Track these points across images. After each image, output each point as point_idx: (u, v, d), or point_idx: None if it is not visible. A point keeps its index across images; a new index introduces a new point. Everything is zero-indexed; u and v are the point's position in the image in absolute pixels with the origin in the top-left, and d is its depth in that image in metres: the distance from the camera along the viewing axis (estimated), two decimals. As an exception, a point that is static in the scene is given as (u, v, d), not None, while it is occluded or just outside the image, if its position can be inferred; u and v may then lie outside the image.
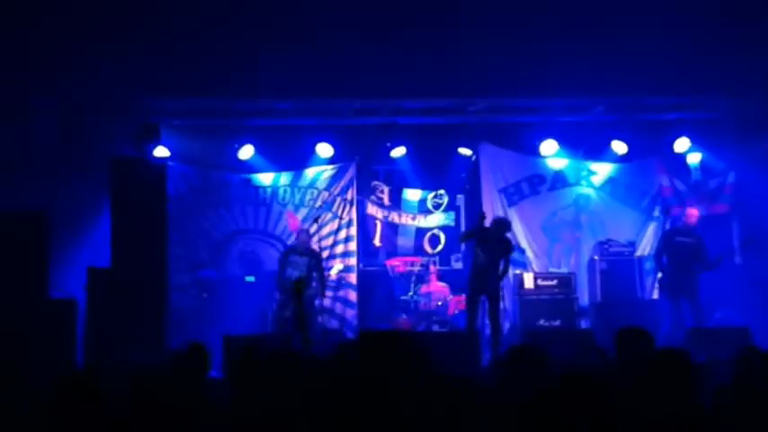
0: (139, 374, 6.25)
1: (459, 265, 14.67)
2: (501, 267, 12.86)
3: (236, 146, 14.78)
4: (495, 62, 12.71)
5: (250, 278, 14.60)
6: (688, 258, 13.36)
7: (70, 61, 12.09)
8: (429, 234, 15.72)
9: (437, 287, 14.65)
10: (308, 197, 15.38)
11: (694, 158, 15.22)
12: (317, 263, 13.87)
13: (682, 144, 15.01)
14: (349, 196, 15.37)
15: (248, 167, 15.15)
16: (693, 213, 13.83)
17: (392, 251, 15.62)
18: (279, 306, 13.71)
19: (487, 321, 12.74)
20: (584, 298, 14.67)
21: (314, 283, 13.70)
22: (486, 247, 12.78)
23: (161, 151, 13.71)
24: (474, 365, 10.97)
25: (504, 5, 11.72)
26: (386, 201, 15.78)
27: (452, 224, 15.48)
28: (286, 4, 11.48)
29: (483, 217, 13.03)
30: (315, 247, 14.04)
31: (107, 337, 11.00)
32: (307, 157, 15.25)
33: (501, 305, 13.02)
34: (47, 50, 11.94)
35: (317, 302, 13.83)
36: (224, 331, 11.72)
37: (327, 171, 15.41)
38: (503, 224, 13.26)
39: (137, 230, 11.99)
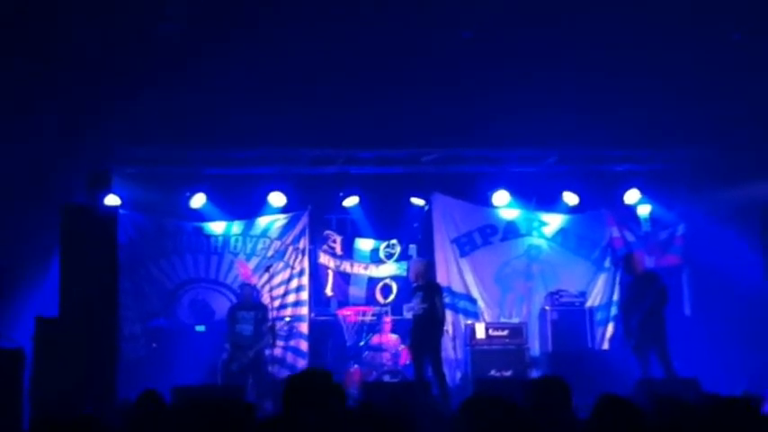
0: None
1: (410, 315, 14.58)
2: (438, 312, 12.77)
3: (189, 194, 14.74)
4: (448, 113, 12.75)
5: (200, 328, 14.49)
6: (649, 305, 13.04)
7: (27, 109, 11.98)
8: (381, 284, 15.72)
9: (388, 339, 14.60)
10: (259, 246, 15.33)
11: (644, 210, 15.38)
12: (264, 315, 13.86)
13: (632, 196, 15.18)
14: (301, 245, 15.34)
15: (200, 216, 15.10)
16: (639, 258, 13.77)
17: (344, 301, 15.58)
18: (228, 359, 13.64)
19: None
20: (535, 348, 14.71)
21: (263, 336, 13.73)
22: (416, 298, 12.80)
23: (112, 199, 13.59)
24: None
25: (458, 57, 11.77)
26: (338, 250, 15.76)
27: (404, 274, 15.42)
28: (241, 54, 11.45)
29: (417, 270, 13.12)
30: (266, 298, 14.00)
31: (55, 389, 10.79)
32: (259, 206, 15.24)
33: (444, 355, 12.97)
34: (4, 96, 11.83)
35: (266, 352, 13.77)
36: (174, 382, 11.57)
37: (280, 220, 15.38)
38: (425, 266, 13.31)
39: (86, 279, 11.82)
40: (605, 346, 15.09)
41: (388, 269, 15.75)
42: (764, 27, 11.22)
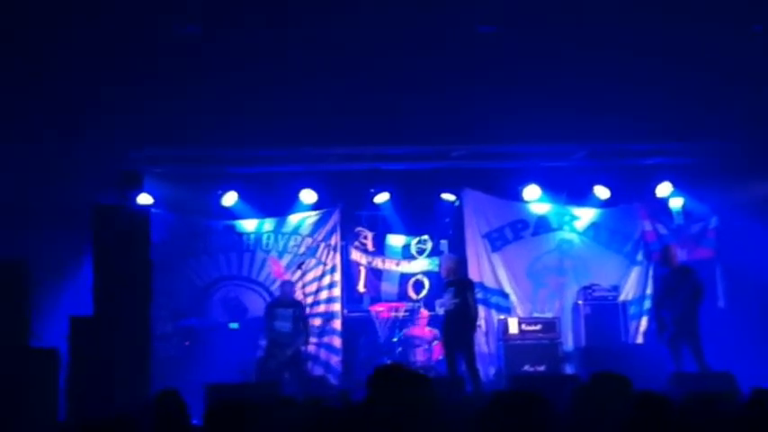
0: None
1: (442, 311, 14.54)
2: (470, 307, 12.72)
3: (220, 192, 14.79)
4: (479, 108, 12.74)
5: (234, 325, 14.54)
6: (683, 298, 13.01)
7: (58, 110, 12.08)
8: (413, 279, 15.69)
9: (424, 332, 14.59)
10: (291, 243, 15.37)
11: (677, 203, 15.27)
12: (301, 312, 13.89)
13: (664, 189, 15.07)
14: (333, 242, 15.37)
15: (231, 214, 15.15)
16: (674, 252, 13.69)
17: (376, 297, 15.58)
18: (265, 356, 13.67)
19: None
20: (568, 342, 14.66)
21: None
22: (449, 293, 12.76)
23: (144, 198, 13.67)
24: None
25: (489, 52, 11.76)
26: (369, 246, 15.76)
27: (436, 269, 15.38)
28: (269, 51, 11.49)
29: (448, 265, 13.08)
30: (299, 294, 14.04)
31: (90, 387, 10.89)
32: (290, 204, 15.26)
33: (477, 350, 12.93)
34: (28, 98, 11.92)
35: (302, 350, 13.82)
36: (207, 379, 11.63)
37: (311, 217, 15.41)
38: (456, 262, 13.25)
39: (119, 278, 11.92)
40: (639, 340, 15.00)
41: (420, 265, 15.74)
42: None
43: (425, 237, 15.83)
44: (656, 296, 13.76)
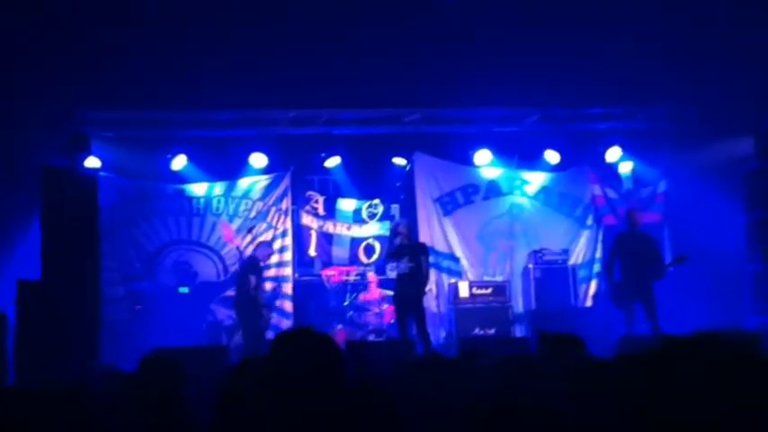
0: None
1: (393, 275, 14.57)
2: (422, 271, 12.70)
3: (169, 156, 14.67)
4: (431, 72, 12.72)
5: (184, 289, 14.47)
6: (642, 263, 12.98)
7: (2, 71, 11.87)
8: (364, 244, 15.71)
9: (377, 293, 14.62)
10: (242, 207, 15.31)
11: (626, 168, 15.39)
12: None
13: (613, 153, 15.19)
14: (284, 206, 15.34)
15: (181, 178, 15.05)
16: (638, 215, 13.73)
17: (327, 261, 15.58)
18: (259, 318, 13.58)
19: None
20: (518, 306, 14.77)
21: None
22: (402, 257, 12.73)
23: (92, 162, 13.53)
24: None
25: (440, 17, 11.73)
26: (320, 211, 15.73)
27: (387, 233, 15.39)
28: (221, 13, 11.38)
29: (401, 229, 13.01)
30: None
31: (38, 352, 10.77)
32: (240, 168, 15.20)
33: (427, 313, 12.93)
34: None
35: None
36: (157, 344, 11.56)
37: (262, 181, 15.35)
38: (408, 227, 13.20)
39: (67, 242, 11.77)
40: (588, 303, 15.15)
41: (371, 229, 15.75)
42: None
43: (376, 201, 15.82)
44: (608, 256, 13.66)
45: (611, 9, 11.63)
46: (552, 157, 15.39)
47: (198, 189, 15.23)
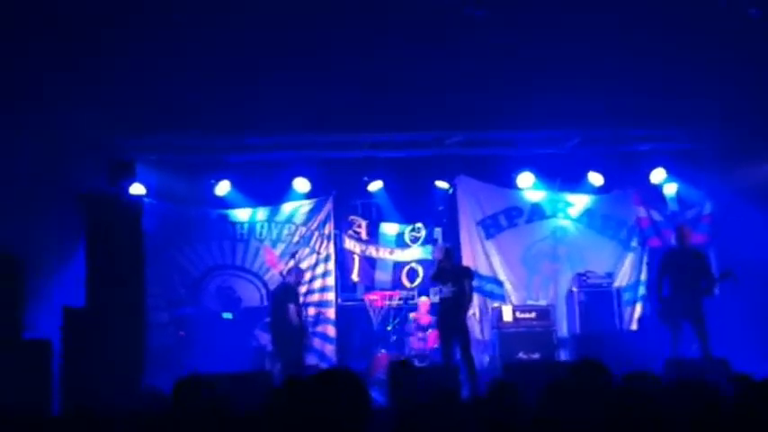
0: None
1: (436, 299, 14.51)
2: (466, 295, 12.65)
3: (213, 181, 14.77)
4: (472, 95, 12.68)
5: (227, 315, 14.51)
6: (692, 279, 12.80)
7: (45, 98, 11.99)
8: (407, 268, 15.69)
9: (426, 318, 14.56)
10: (285, 232, 15.36)
11: (670, 189, 15.27)
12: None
13: (658, 175, 15.07)
14: (326, 231, 15.37)
15: (225, 203, 15.14)
16: (688, 232, 13.59)
17: (370, 285, 15.57)
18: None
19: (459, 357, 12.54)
20: (563, 330, 14.66)
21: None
22: (446, 281, 12.68)
23: (137, 188, 13.64)
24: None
25: (481, 39, 11.69)
26: (363, 235, 15.74)
27: (430, 257, 15.37)
28: (262, 39, 11.41)
29: (446, 252, 12.95)
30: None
31: (83, 379, 10.83)
32: (283, 192, 15.26)
33: (471, 337, 12.86)
34: (22, 87, 11.83)
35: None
36: (202, 369, 11.59)
37: (304, 206, 15.40)
38: (450, 252, 13.15)
39: (112, 268, 11.85)
40: (633, 326, 15.00)
41: (414, 253, 15.72)
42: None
43: (419, 225, 15.81)
44: (657, 273, 13.42)
45: (654, 29, 11.52)
46: (595, 179, 15.31)
47: (241, 214, 15.30)
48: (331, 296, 15.21)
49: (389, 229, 15.76)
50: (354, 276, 15.60)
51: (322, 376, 3.91)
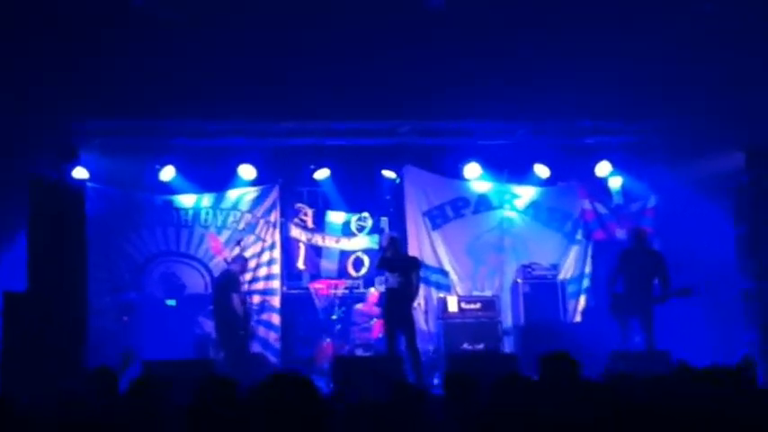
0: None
1: (382, 289, 14.50)
2: (413, 286, 12.67)
3: (158, 167, 14.60)
4: (421, 84, 12.67)
5: (171, 301, 14.39)
6: (646, 279, 13.07)
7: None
8: (353, 257, 15.63)
9: (372, 310, 14.54)
10: (230, 219, 15.23)
11: (616, 182, 15.38)
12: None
13: (603, 168, 15.18)
14: (272, 218, 15.27)
15: (170, 189, 14.97)
16: (644, 233, 13.73)
17: (316, 274, 15.50)
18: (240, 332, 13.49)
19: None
20: (507, 321, 14.71)
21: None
22: (393, 271, 12.66)
23: (80, 172, 13.44)
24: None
25: (430, 29, 11.68)
26: (309, 223, 15.66)
27: (376, 247, 15.32)
28: (213, 23, 11.30)
29: (391, 241, 12.94)
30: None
31: (24, 363, 10.70)
32: (229, 179, 15.12)
33: (416, 329, 12.85)
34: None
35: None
36: (145, 355, 11.51)
37: (250, 193, 15.28)
38: (398, 241, 13.14)
39: (54, 253, 11.71)
40: (577, 318, 15.10)
41: (360, 242, 15.68)
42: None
43: (366, 214, 15.76)
44: (613, 270, 13.61)
45: (603, 23, 11.59)
46: (542, 171, 15.38)
47: (186, 200, 15.15)
48: (276, 284, 15.11)
49: (336, 217, 15.70)
50: (300, 264, 15.52)
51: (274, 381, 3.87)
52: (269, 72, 12.20)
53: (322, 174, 15.17)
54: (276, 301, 15.04)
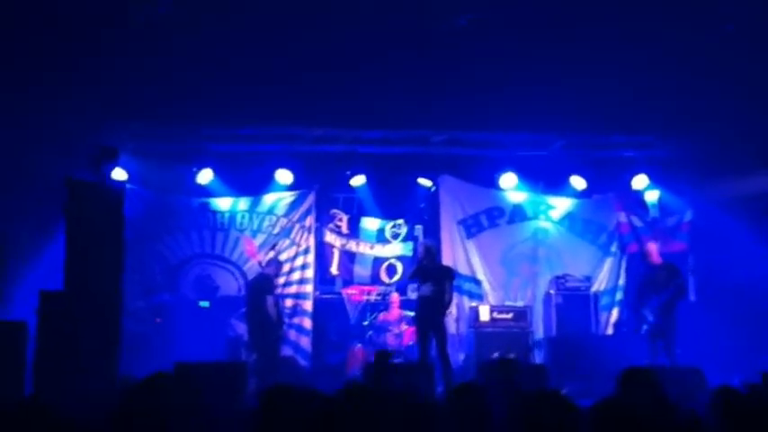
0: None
1: (415, 296, 14.53)
2: (446, 295, 12.70)
3: (195, 170, 14.70)
4: (458, 95, 12.70)
5: (204, 303, 14.49)
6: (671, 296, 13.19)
7: (30, 85, 11.93)
8: (386, 264, 15.68)
9: (397, 314, 14.59)
10: (265, 223, 15.33)
11: (652, 196, 15.33)
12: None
13: (640, 181, 15.14)
14: (307, 223, 15.35)
15: (206, 192, 15.09)
16: (652, 249, 13.80)
17: (349, 280, 15.56)
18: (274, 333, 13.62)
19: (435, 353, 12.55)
20: (539, 332, 14.70)
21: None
22: (426, 279, 12.69)
23: (119, 174, 13.58)
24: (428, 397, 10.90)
25: (467, 40, 11.71)
26: (344, 229, 15.72)
27: (410, 254, 15.40)
28: (248, 32, 11.40)
29: (426, 249, 12.98)
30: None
31: (58, 363, 10.79)
32: (266, 183, 15.20)
33: (448, 337, 12.86)
34: (7, 75, 11.78)
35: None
36: (177, 357, 11.59)
37: (286, 198, 15.37)
38: (433, 250, 13.17)
39: (92, 254, 11.80)
40: (609, 331, 15.06)
41: (394, 249, 15.72)
42: (757, 16, 11.16)
43: (400, 221, 15.81)
44: (637, 291, 13.71)
45: (638, 36, 11.59)
46: (578, 183, 15.35)
47: (223, 204, 15.27)
48: (309, 288, 15.19)
49: (370, 224, 15.76)
50: (333, 270, 15.60)
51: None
52: (306, 78, 12.28)
53: (358, 180, 15.22)
54: (308, 305, 15.11)
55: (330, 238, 15.62)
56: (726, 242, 14.35)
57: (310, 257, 15.32)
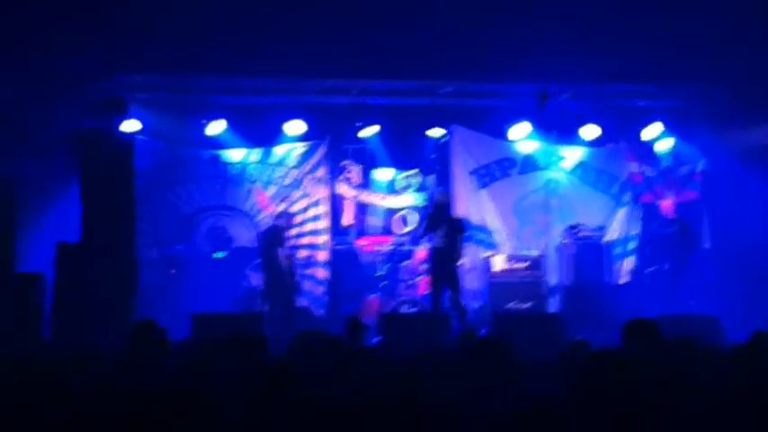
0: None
1: (428, 246, 14.47)
2: (457, 247, 12.72)
3: (206, 122, 14.62)
4: (467, 45, 12.64)
5: (219, 254, 14.51)
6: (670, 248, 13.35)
7: (39, 35, 11.87)
8: (399, 214, 15.65)
9: (417, 264, 14.58)
10: (277, 174, 15.28)
11: (665, 145, 15.27)
12: None
13: (652, 130, 15.05)
14: (319, 174, 15.29)
15: (217, 144, 15.01)
16: (666, 205, 13.86)
17: (362, 230, 15.54)
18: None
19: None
20: (552, 280, 14.69)
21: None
22: (438, 230, 12.68)
23: (129, 125, 13.51)
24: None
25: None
26: (356, 180, 15.67)
27: (422, 205, 15.37)
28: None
29: (440, 201, 12.98)
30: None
31: (75, 312, 10.85)
32: (277, 135, 15.11)
33: (462, 287, 12.87)
34: (13, 23, 11.71)
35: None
36: (192, 308, 11.63)
37: (298, 149, 15.30)
38: (445, 200, 13.15)
39: (105, 204, 11.84)
40: (623, 280, 15.05)
41: (406, 200, 15.69)
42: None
43: (412, 172, 15.74)
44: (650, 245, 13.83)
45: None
46: (589, 132, 15.25)
47: (234, 155, 15.20)
48: (322, 239, 15.17)
49: (382, 174, 15.71)
50: (346, 221, 15.57)
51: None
52: (314, 29, 12.22)
53: (369, 131, 15.14)
54: (322, 255, 15.09)
55: (342, 189, 15.57)
56: (738, 190, 14.32)
57: (322, 209, 15.27)
